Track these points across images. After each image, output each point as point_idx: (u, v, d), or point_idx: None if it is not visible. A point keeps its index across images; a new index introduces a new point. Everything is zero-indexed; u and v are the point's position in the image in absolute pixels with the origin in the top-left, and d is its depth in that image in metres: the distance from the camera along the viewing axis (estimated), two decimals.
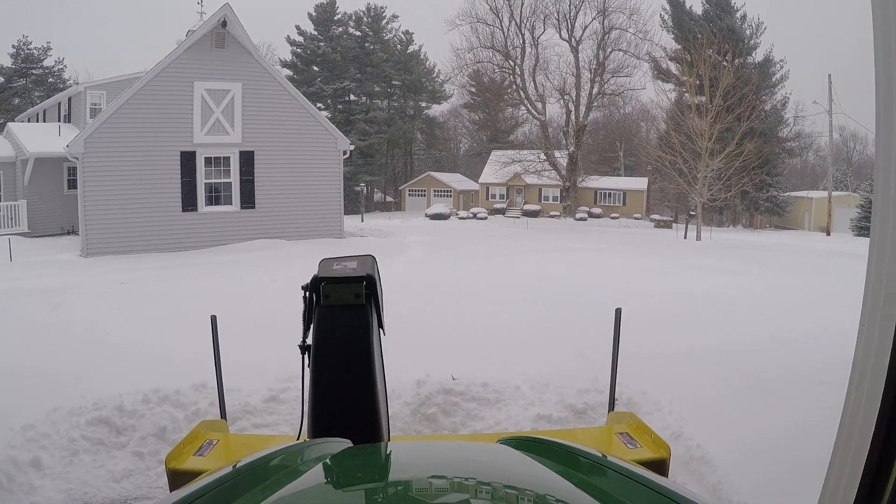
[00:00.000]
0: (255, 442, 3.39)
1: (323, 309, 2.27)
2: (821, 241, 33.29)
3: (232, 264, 15.37)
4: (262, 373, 5.62)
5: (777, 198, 50.82)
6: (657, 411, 5.09)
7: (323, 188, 22.44)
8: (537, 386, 5.51)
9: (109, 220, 18.57)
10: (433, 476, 1.34)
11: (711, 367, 6.32)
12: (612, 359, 3.55)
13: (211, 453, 2.82)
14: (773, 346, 7.06)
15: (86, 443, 4.37)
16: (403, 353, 6.72)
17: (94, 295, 10.68)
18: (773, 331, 7.92)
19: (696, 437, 4.51)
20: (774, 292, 11.36)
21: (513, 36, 51.26)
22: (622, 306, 3.56)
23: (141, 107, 18.99)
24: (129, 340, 7.40)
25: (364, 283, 2.30)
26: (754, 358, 6.51)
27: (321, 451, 1.63)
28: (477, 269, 14.22)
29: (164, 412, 4.66)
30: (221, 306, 5.10)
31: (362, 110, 64.86)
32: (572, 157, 49.58)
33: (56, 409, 4.84)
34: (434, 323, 8.71)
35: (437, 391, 5.24)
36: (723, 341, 7.33)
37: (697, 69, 32.31)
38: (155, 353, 6.72)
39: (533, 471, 1.43)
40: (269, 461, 1.54)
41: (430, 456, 1.64)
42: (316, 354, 2.26)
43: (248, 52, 20.54)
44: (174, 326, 8.09)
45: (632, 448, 2.81)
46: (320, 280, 2.27)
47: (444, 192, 58.84)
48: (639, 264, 15.36)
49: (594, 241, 25.34)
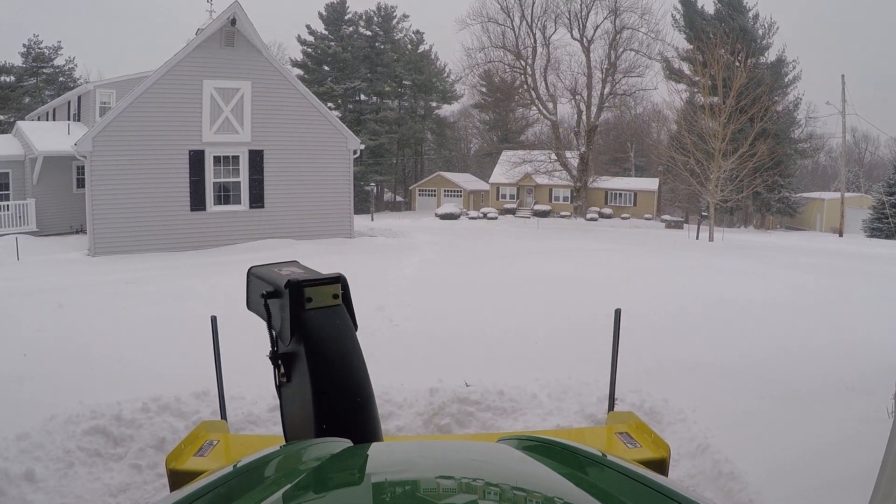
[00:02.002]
0: (255, 442, 3.35)
1: (308, 312, 2.22)
2: (834, 242, 32.99)
3: (240, 264, 15.09)
4: (267, 379, 5.39)
5: (789, 199, 50.67)
6: (680, 421, 4.84)
7: (333, 187, 22.24)
8: (555, 394, 5.25)
9: (117, 219, 18.41)
10: (433, 476, 1.33)
11: (737, 376, 6.05)
12: (611, 358, 3.59)
13: (211, 454, 2.84)
14: (801, 353, 6.79)
15: (82, 454, 4.15)
16: (414, 358, 6.52)
17: (99, 295, 10.50)
18: (800, 337, 7.64)
19: (723, 451, 4.25)
20: (798, 296, 11.03)
21: (524, 35, 51.05)
22: (641, 310, 3.43)
23: (149, 105, 18.82)
24: (131, 344, 7.20)
25: (340, 284, 2.31)
26: (781, 365, 6.25)
27: (321, 451, 1.61)
28: (489, 270, 13.96)
29: (164, 422, 4.43)
30: (228, 308, 4.90)
31: (373, 110, 64.77)
32: (583, 157, 49.31)
33: (52, 417, 4.63)
34: (446, 326, 8.47)
35: (451, 399, 4.97)
36: (748, 348, 7.07)
37: (710, 69, 32.04)
38: (157, 358, 6.51)
39: (533, 470, 1.42)
40: (269, 461, 1.54)
41: (430, 456, 1.62)
42: (311, 359, 2.20)
43: (258, 50, 20.35)
44: (178, 329, 7.89)
45: (632, 448, 2.81)
46: (301, 283, 2.22)
47: (454, 191, 58.78)
48: (655, 266, 15.09)
49: (607, 241, 25.08)
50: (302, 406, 2.25)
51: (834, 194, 51.02)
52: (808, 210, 51.10)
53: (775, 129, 42.67)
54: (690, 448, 4.33)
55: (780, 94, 48.32)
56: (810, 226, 50.12)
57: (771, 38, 51.37)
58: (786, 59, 51.21)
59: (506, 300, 10.34)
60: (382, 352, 5.87)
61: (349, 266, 2.63)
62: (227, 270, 13.86)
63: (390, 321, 8.53)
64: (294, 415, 2.39)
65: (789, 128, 50.27)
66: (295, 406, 2.36)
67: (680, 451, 4.31)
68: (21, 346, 7.02)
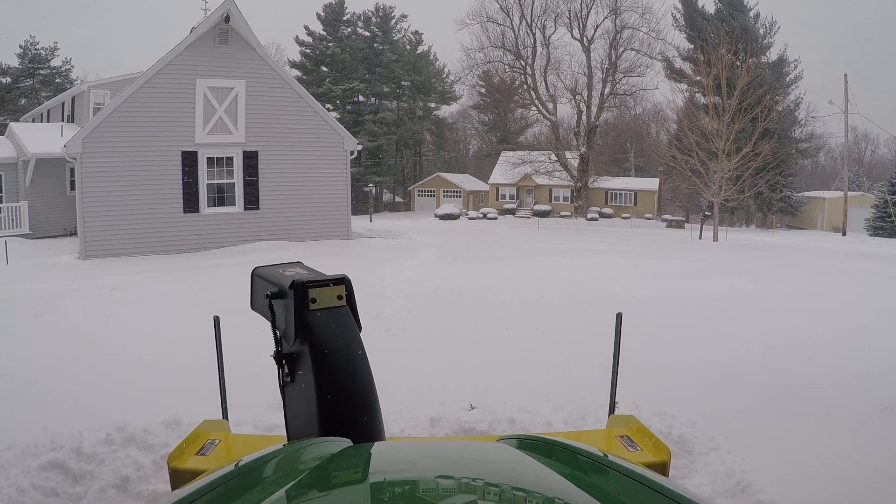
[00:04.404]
0: (256, 442, 3.30)
1: (312, 313, 2.22)
2: (839, 242, 32.65)
3: (234, 267, 14.58)
4: (260, 387, 4.90)
5: (791, 198, 50.62)
6: (713, 451, 4.31)
7: (330, 188, 21.69)
8: (571, 420, 4.70)
9: (108, 221, 17.90)
10: (433, 476, 1.32)
11: (777, 400, 5.45)
12: (612, 362, 3.56)
13: (213, 453, 2.82)
14: (841, 374, 6.22)
15: (36, 493, 3.60)
16: (413, 377, 5.99)
17: (82, 302, 9.94)
18: (836, 354, 7.07)
19: (767, 489, 3.73)
20: (818, 302, 10.46)
21: (523, 35, 50.71)
22: (657, 315, 3.00)
23: (141, 105, 18.29)
24: (105, 360, 6.63)
25: (344, 285, 2.31)
26: (822, 388, 5.70)
27: (321, 450, 1.62)
28: (492, 274, 13.39)
29: (128, 457, 3.87)
30: (220, 312, 4.41)
31: (371, 111, 64.39)
32: (584, 157, 48.91)
33: (10, 447, 4.11)
34: (447, 336, 7.95)
35: (455, 430, 4.43)
36: (786, 370, 6.50)
37: (715, 69, 31.70)
38: (129, 378, 5.93)
39: (533, 470, 1.42)
40: (270, 461, 1.54)
41: (430, 455, 1.61)
42: (315, 359, 2.20)
43: (253, 48, 19.80)
44: (159, 342, 7.35)
45: (632, 451, 2.79)
46: (305, 284, 2.22)
47: (453, 192, 58.62)
48: (663, 267, 14.46)
49: (610, 241, 24.58)
50: (306, 406, 2.23)
51: (834, 193, 51.00)
52: (809, 209, 51.07)
53: (778, 129, 42.25)
54: (728, 485, 3.80)
55: (782, 94, 47.99)
56: (811, 225, 50.05)
57: (772, 38, 51.10)
58: (787, 58, 50.95)
59: (512, 307, 9.79)
60: (378, 368, 5.32)
61: (345, 270, 2.37)
62: (220, 274, 13.36)
63: (388, 331, 8.01)
64: (298, 415, 2.35)
65: (790, 127, 49.91)
66: (299, 406, 2.33)
67: (716, 489, 3.80)
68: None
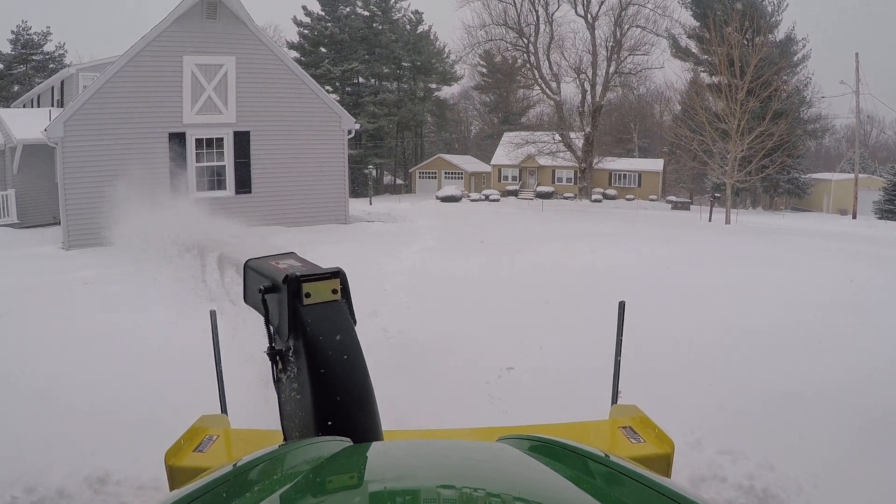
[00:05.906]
0: (256, 437, 3.07)
1: (306, 308, 2.09)
2: (850, 225, 31.93)
3: None
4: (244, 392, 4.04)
5: (798, 179, 49.85)
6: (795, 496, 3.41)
7: (326, 170, 20.76)
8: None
9: (92, 209, 16.97)
10: (433, 476, 1.32)
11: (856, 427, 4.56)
12: (615, 351, 3.43)
13: (211, 449, 2.74)
14: None
15: None
16: (413, 388, 5.09)
17: (48, 300, 9.01)
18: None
19: None
20: (867, 296, 9.51)
21: (526, 12, 49.69)
22: (694, 313, 2.16)
23: (125, 85, 17.34)
24: (60, 378, 5.63)
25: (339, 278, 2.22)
26: None
27: (321, 450, 1.57)
28: (498, 261, 12.41)
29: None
30: (199, 310, 3.55)
31: (371, 92, 63.36)
32: (588, 138, 47.97)
33: None
34: (449, 335, 7.08)
35: None
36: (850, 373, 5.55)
37: (725, 46, 30.76)
38: (66, 405, 4.85)
39: (534, 474, 1.41)
40: (269, 460, 1.53)
41: (430, 455, 1.58)
42: (309, 355, 2.07)
43: (243, 22, 18.79)
44: (118, 352, 6.41)
45: (635, 443, 2.70)
46: (299, 279, 2.10)
47: (455, 174, 57.98)
48: (681, 255, 13.37)
49: (617, 224, 23.70)
50: (300, 403, 2.17)
51: (841, 175, 50.40)
52: (816, 191, 50.37)
53: (787, 109, 41.32)
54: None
55: (790, 74, 46.96)
56: (818, 207, 49.32)
57: (780, 16, 49.90)
58: (795, 37, 49.78)
59: (520, 299, 8.90)
60: (373, 379, 4.47)
61: (340, 258, 1.88)
62: None
63: (384, 332, 7.11)
64: (292, 412, 2.25)
65: (800, 108, 48.90)
66: (293, 403, 2.23)
67: None
68: None
